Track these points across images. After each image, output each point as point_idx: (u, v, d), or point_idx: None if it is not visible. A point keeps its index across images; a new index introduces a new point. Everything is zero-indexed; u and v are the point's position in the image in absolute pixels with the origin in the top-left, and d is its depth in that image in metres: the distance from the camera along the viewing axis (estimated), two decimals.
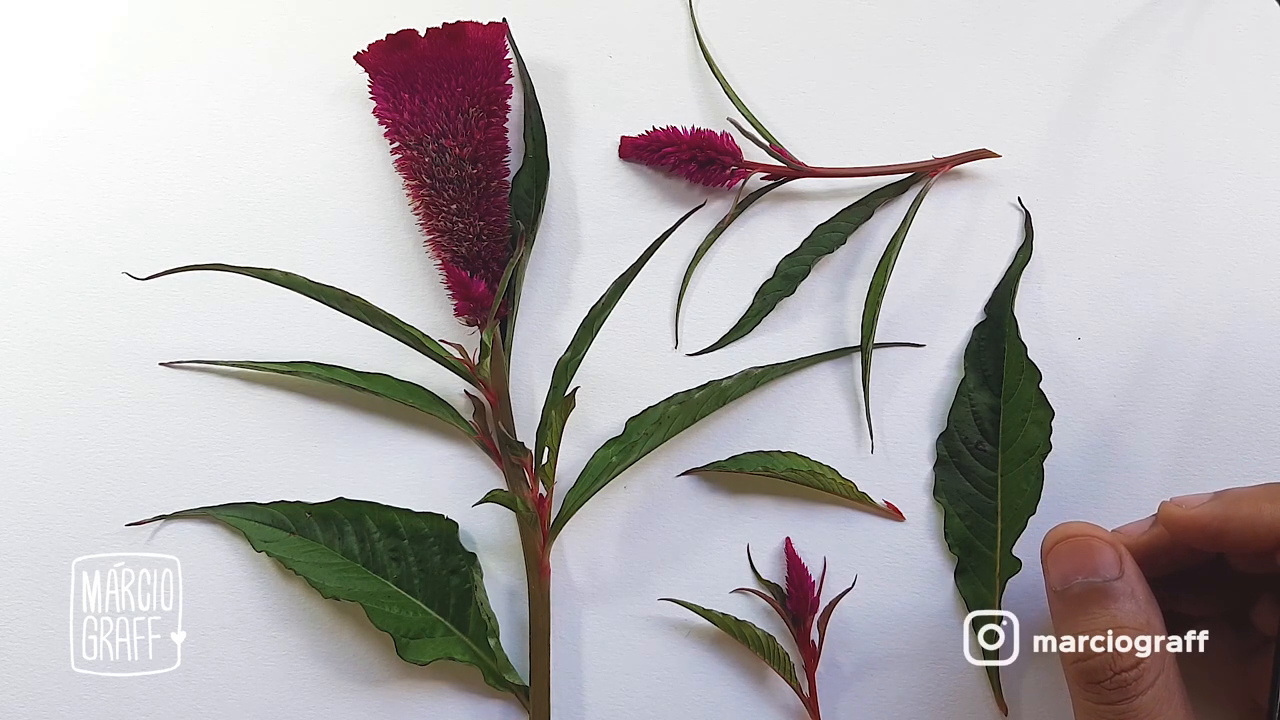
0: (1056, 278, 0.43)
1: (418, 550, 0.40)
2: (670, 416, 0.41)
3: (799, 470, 0.41)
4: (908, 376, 0.43)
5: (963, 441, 0.42)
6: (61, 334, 0.43)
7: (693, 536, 0.42)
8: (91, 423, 0.42)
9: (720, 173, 0.42)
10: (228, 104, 0.44)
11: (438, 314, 0.43)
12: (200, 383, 0.42)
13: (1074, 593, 0.34)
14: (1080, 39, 0.45)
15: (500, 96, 0.42)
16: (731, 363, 0.43)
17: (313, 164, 0.44)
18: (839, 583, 0.41)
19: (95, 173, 0.44)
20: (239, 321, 0.43)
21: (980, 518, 0.41)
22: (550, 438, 0.39)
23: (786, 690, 0.40)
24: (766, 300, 0.43)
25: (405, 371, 0.41)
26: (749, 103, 0.43)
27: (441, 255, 0.41)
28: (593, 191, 0.44)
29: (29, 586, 0.41)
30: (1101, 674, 0.32)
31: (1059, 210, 0.43)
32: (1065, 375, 0.42)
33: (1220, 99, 0.44)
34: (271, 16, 0.45)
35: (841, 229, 0.43)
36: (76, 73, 0.44)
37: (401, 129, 0.40)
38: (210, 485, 0.42)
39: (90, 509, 0.42)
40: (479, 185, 0.41)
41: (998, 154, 0.43)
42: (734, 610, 0.41)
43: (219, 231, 0.43)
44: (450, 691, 0.41)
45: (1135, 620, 0.33)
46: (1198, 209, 0.43)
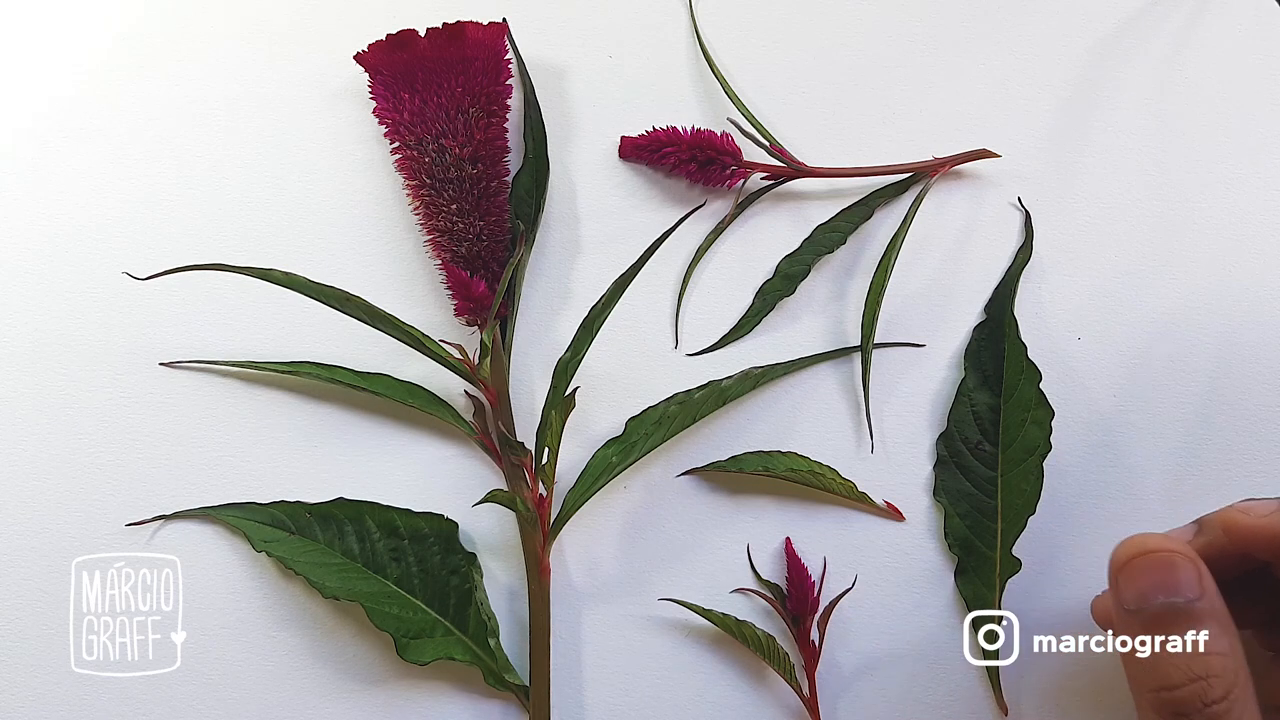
0: (1056, 278, 0.43)
1: (418, 550, 0.40)
2: (670, 416, 0.41)
3: (799, 470, 0.41)
4: (908, 376, 0.43)
5: (963, 441, 0.42)
6: (61, 334, 0.43)
7: (693, 536, 0.42)
8: (91, 423, 0.42)
9: (720, 173, 0.42)
10: (228, 104, 0.44)
11: (438, 314, 0.43)
12: (200, 383, 0.42)
13: (1153, 613, 0.31)
14: (1080, 39, 0.45)
15: (500, 96, 0.42)
16: (731, 363, 0.43)
17: (313, 164, 0.44)
18: (839, 583, 0.41)
19: (95, 172, 0.44)
20: (239, 321, 0.43)
21: (980, 518, 0.41)
22: (550, 438, 0.39)
23: (786, 690, 0.40)
24: (766, 300, 0.43)
25: (405, 371, 0.41)
26: (749, 103, 0.43)
27: (441, 255, 0.41)
28: (593, 191, 0.44)
29: (29, 586, 0.41)
30: (1190, 706, 0.30)
31: (1059, 210, 0.43)
32: (1065, 375, 0.42)
33: (1220, 99, 0.44)
34: (271, 16, 0.45)
35: (841, 229, 0.43)
36: (76, 73, 0.44)
37: (401, 129, 0.40)
38: (210, 485, 0.42)
39: (90, 509, 0.42)
40: (479, 185, 0.41)
41: (998, 154, 0.43)
42: (734, 610, 0.41)
43: (219, 231, 0.43)
44: (450, 691, 0.41)
45: (1221, 646, 0.30)
46: (1198, 209, 0.43)
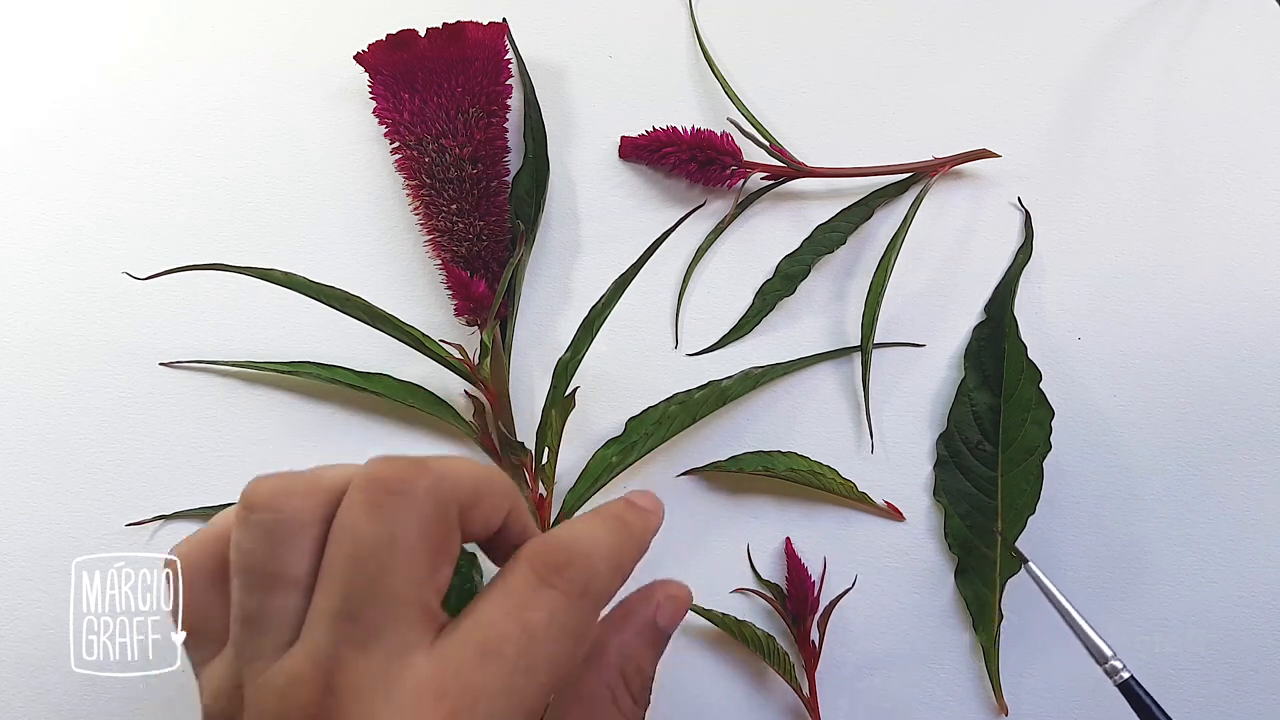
0: (1056, 278, 0.43)
1: None
2: (670, 416, 0.41)
3: (799, 470, 0.41)
4: (908, 376, 0.43)
5: (963, 441, 0.41)
6: (61, 334, 0.43)
7: (693, 536, 0.42)
8: (91, 423, 0.42)
9: (720, 173, 0.42)
10: (228, 104, 0.44)
11: (438, 314, 0.43)
12: (200, 383, 0.42)
13: None
14: (1080, 39, 0.45)
15: (500, 96, 0.42)
16: (731, 363, 0.43)
17: (313, 164, 0.44)
18: (839, 583, 0.41)
19: (96, 173, 0.44)
20: (239, 321, 0.43)
21: (980, 518, 0.41)
22: (550, 438, 0.39)
23: (786, 690, 0.40)
24: (766, 300, 0.43)
25: (405, 371, 0.41)
26: (749, 103, 0.43)
27: (441, 255, 0.41)
28: (593, 191, 0.44)
29: (29, 586, 0.41)
30: None
31: (1059, 210, 0.43)
32: (1065, 375, 0.42)
33: (1220, 99, 0.44)
34: (272, 17, 0.45)
35: (841, 229, 0.43)
36: (77, 75, 0.44)
37: (401, 129, 0.40)
38: (210, 485, 0.42)
39: (90, 509, 0.42)
40: (479, 185, 0.41)
41: (998, 154, 0.43)
42: (734, 610, 0.41)
43: (219, 231, 0.43)
44: None
45: None
46: (1198, 209, 0.43)
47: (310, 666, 0.24)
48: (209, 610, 0.27)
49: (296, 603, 0.25)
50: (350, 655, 0.24)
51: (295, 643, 0.24)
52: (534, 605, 0.25)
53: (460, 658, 0.24)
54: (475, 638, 0.24)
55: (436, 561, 0.25)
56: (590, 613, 0.26)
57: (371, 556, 0.24)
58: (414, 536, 0.24)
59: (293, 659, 0.24)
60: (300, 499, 0.26)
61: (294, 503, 0.26)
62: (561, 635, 0.25)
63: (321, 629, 0.24)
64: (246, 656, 0.25)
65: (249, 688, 0.24)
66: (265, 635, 0.25)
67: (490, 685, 0.24)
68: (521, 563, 0.26)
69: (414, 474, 0.25)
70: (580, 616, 0.26)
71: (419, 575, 0.24)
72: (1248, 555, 0.41)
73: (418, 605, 0.24)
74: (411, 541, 0.24)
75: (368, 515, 0.25)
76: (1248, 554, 0.41)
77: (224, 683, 0.25)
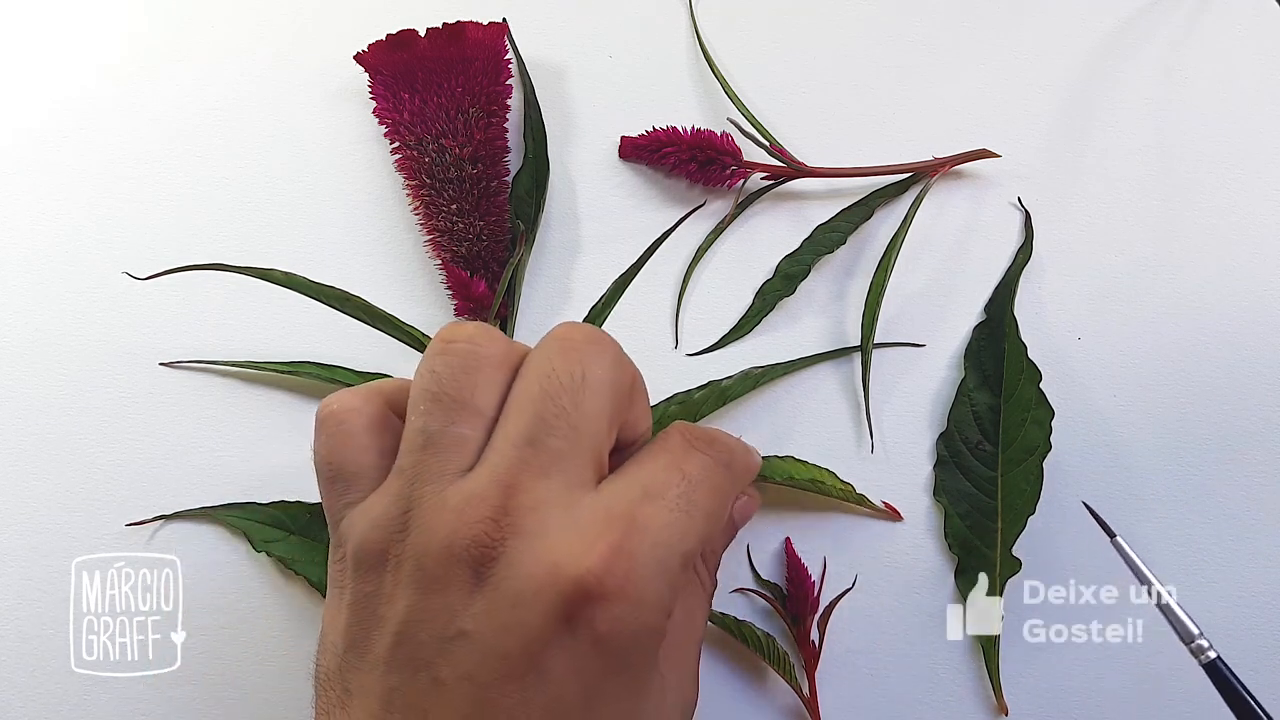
0: (1056, 278, 0.43)
1: None
2: (670, 417, 0.41)
3: (798, 479, 0.41)
4: (908, 376, 0.43)
5: (963, 441, 0.41)
6: (61, 334, 0.43)
7: None
8: (91, 423, 0.42)
9: (720, 173, 0.42)
10: (228, 104, 0.44)
11: (438, 314, 0.43)
12: (200, 383, 0.42)
13: None
14: (1080, 39, 0.45)
15: (500, 96, 0.42)
16: (731, 363, 0.43)
17: (313, 164, 0.44)
18: (839, 583, 0.41)
19: (95, 172, 0.44)
20: (239, 321, 0.43)
21: (980, 518, 0.41)
22: None
23: (786, 690, 0.40)
24: (766, 300, 0.43)
25: (405, 371, 0.41)
26: (749, 103, 0.43)
27: (441, 255, 0.41)
28: (593, 191, 0.44)
29: (29, 586, 0.41)
30: None
31: (1059, 210, 0.43)
32: (1065, 375, 0.42)
33: (1220, 99, 0.44)
34: (272, 17, 0.45)
35: (841, 229, 0.43)
36: (76, 73, 0.44)
37: (401, 129, 0.40)
38: (210, 485, 0.42)
39: (90, 509, 0.42)
40: (479, 185, 0.41)
41: (998, 154, 0.43)
42: (734, 610, 0.41)
43: (219, 231, 0.43)
44: None
45: None
46: (1198, 209, 0.43)
47: (491, 486, 0.25)
48: (363, 457, 0.28)
49: (479, 435, 0.26)
50: (529, 480, 0.25)
51: (474, 468, 0.26)
52: (690, 461, 0.28)
53: (628, 494, 0.26)
54: (640, 480, 0.27)
55: (614, 419, 0.27)
56: (731, 484, 0.29)
57: (564, 389, 0.26)
58: (604, 380, 0.27)
59: (474, 478, 0.25)
60: (496, 344, 0.28)
61: (490, 345, 0.27)
62: (714, 492, 0.28)
63: (506, 452, 0.25)
64: (424, 479, 0.26)
65: (418, 510, 0.26)
66: (446, 459, 0.26)
67: (656, 520, 0.26)
68: (674, 432, 0.29)
69: (605, 335, 0.28)
70: (726, 482, 0.29)
71: (604, 417, 0.27)
72: (1248, 555, 0.41)
73: (595, 447, 0.26)
74: (602, 384, 0.27)
75: (563, 355, 0.27)
76: (1248, 554, 0.41)
77: (388, 509, 0.26)
